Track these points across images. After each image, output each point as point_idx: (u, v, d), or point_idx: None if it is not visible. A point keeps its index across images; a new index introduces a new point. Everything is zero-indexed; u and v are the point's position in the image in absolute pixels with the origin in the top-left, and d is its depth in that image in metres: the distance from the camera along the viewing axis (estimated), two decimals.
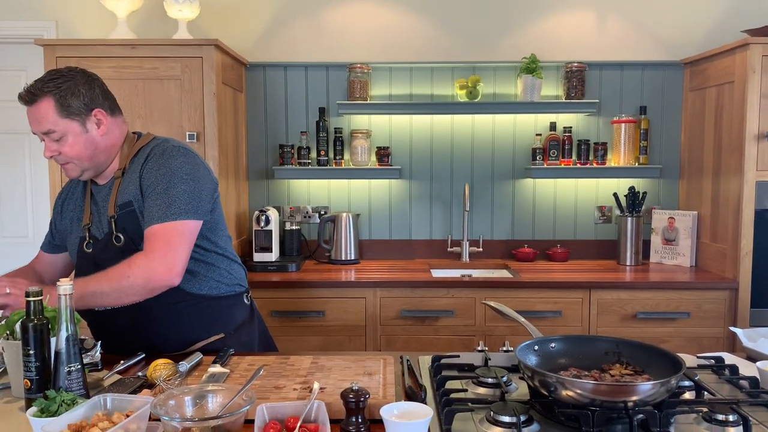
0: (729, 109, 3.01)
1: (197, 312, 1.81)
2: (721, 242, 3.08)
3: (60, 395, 1.29)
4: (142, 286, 1.63)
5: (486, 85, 3.49)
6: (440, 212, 3.59)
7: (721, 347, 2.92)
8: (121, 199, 1.76)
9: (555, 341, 1.55)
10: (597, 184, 3.56)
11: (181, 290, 1.78)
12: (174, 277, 1.66)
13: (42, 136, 1.73)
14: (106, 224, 1.78)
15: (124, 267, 1.64)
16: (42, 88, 1.69)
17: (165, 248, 1.65)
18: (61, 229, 1.93)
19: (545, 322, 2.93)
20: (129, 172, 1.79)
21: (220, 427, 1.19)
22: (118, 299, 1.65)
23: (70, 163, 1.75)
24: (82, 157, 1.75)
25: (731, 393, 1.51)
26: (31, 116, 1.72)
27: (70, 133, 1.72)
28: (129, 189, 1.76)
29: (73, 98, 1.71)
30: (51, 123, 1.70)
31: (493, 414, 1.33)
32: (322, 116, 3.45)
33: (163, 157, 1.75)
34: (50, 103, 1.69)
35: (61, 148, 1.73)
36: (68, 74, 1.73)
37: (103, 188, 1.83)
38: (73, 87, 1.72)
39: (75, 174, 1.79)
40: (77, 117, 1.72)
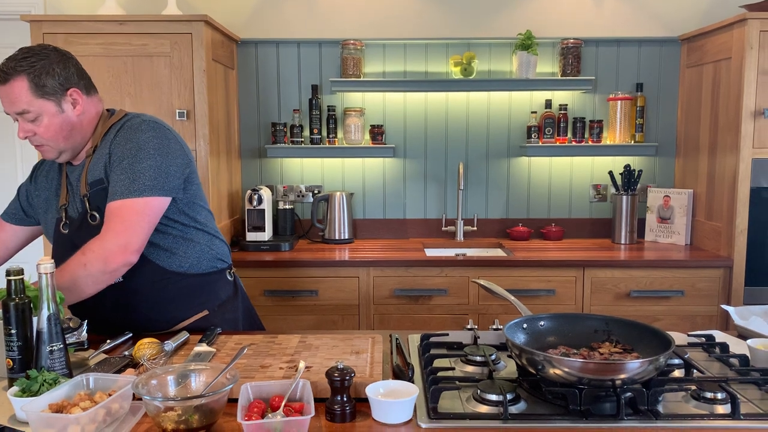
0: (726, 86, 2.98)
1: (179, 289, 1.79)
2: (717, 220, 3.06)
3: (42, 375, 1.28)
4: (101, 271, 1.60)
5: (481, 62, 3.45)
6: (435, 191, 3.57)
7: (714, 325, 2.92)
8: (92, 176, 1.73)
9: (544, 319, 1.54)
10: (592, 162, 3.53)
11: (162, 268, 1.76)
12: (129, 255, 1.62)
13: (16, 116, 1.68)
14: (80, 204, 1.75)
15: (79, 256, 1.61)
16: (15, 67, 1.63)
17: (120, 227, 1.62)
18: (34, 204, 1.89)
19: (539, 301, 2.92)
20: (99, 149, 1.75)
21: (203, 406, 1.18)
22: (80, 292, 1.61)
23: (45, 145, 1.71)
24: (57, 138, 1.70)
25: (721, 371, 1.50)
26: (4, 96, 1.66)
27: (45, 113, 1.67)
28: (99, 166, 1.73)
29: (47, 77, 1.66)
30: (25, 103, 1.64)
31: (480, 392, 1.32)
32: (314, 94, 3.41)
33: (131, 131, 1.71)
34: (24, 83, 1.64)
35: (36, 128, 1.68)
36: (41, 53, 1.67)
37: (76, 168, 1.80)
38: (47, 66, 1.66)
39: (52, 156, 1.75)
40: (52, 97, 1.67)
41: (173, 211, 1.76)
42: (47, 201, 1.84)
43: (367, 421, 1.26)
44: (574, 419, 1.24)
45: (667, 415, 1.25)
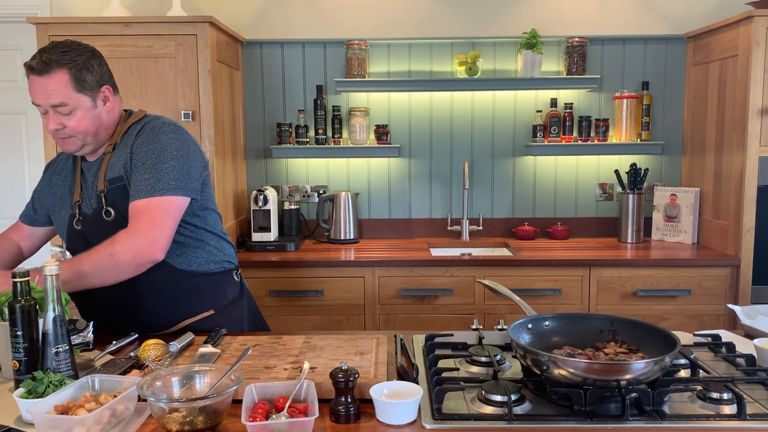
0: (732, 84, 2.96)
1: (186, 288, 1.80)
2: (724, 219, 3.05)
3: (48, 376, 1.28)
4: (128, 263, 1.62)
5: (486, 61, 3.44)
6: (440, 191, 3.56)
7: (721, 325, 2.91)
8: (111, 173, 1.75)
9: (549, 319, 1.53)
10: (598, 161, 3.52)
11: (171, 266, 1.77)
12: (157, 252, 1.64)
13: (47, 108, 1.69)
14: (95, 200, 1.76)
15: (108, 246, 1.63)
16: (58, 61, 1.65)
17: (148, 224, 1.64)
18: (45, 203, 1.91)
19: (545, 301, 2.92)
20: (119, 148, 1.78)
21: (208, 407, 1.18)
22: (104, 279, 1.63)
23: (72, 137, 1.72)
24: (87, 133, 1.72)
25: (727, 371, 1.49)
26: (40, 87, 1.66)
27: (81, 107, 1.69)
28: (119, 164, 1.75)
29: (87, 73, 1.69)
30: (64, 96, 1.66)
31: (485, 393, 1.32)
32: (319, 94, 3.42)
33: (153, 132, 1.74)
34: (65, 76, 1.66)
35: (68, 122, 1.69)
36: (79, 48, 1.71)
37: (93, 164, 1.82)
38: (87, 62, 1.70)
39: (73, 148, 1.76)
40: (89, 92, 1.70)
41: (187, 213, 1.77)
42: (61, 198, 1.85)
43: (372, 422, 1.26)
44: (579, 420, 1.24)
45: (673, 416, 1.25)
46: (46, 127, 1.73)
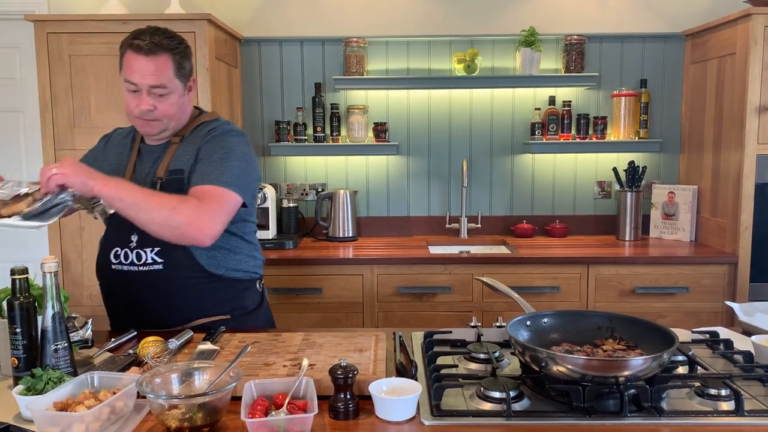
0: (730, 82, 2.96)
1: (209, 290, 1.81)
2: (721, 216, 3.05)
3: (47, 373, 1.29)
4: (179, 227, 1.59)
5: (484, 58, 3.44)
6: (438, 188, 3.56)
7: (720, 322, 2.91)
8: (174, 165, 1.78)
9: (547, 316, 1.54)
10: (596, 159, 3.52)
11: (201, 266, 1.79)
12: (209, 237, 1.64)
13: (142, 88, 1.70)
14: (149, 184, 1.77)
15: (175, 200, 1.62)
16: (167, 44, 1.71)
17: (215, 206, 1.65)
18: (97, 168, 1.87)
19: (543, 298, 2.92)
20: (187, 142, 1.82)
21: (207, 404, 1.18)
22: (150, 221, 1.59)
23: (157, 121, 1.75)
24: (173, 117, 1.77)
25: (725, 367, 1.49)
26: (144, 67, 1.69)
27: (175, 92, 1.75)
28: (184, 158, 1.79)
29: (185, 61, 1.77)
30: (165, 79, 1.71)
31: (484, 389, 1.32)
32: (318, 92, 3.41)
33: (223, 134, 1.81)
34: (169, 60, 1.71)
35: (159, 104, 1.73)
36: (178, 37, 1.77)
37: (155, 149, 1.84)
38: (187, 50, 1.78)
39: (154, 132, 1.79)
40: (183, 79, 1.77)
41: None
42: (110, 172, 1.80)
43: (371, 419, 1.26)
44: (578, 416, 1.24)
45: (671, 412, 1.25)
46: (131, 107, 1.73)
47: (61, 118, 2.93)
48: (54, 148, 2.94)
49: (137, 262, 1.76)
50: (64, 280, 2.98)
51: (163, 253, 1.75)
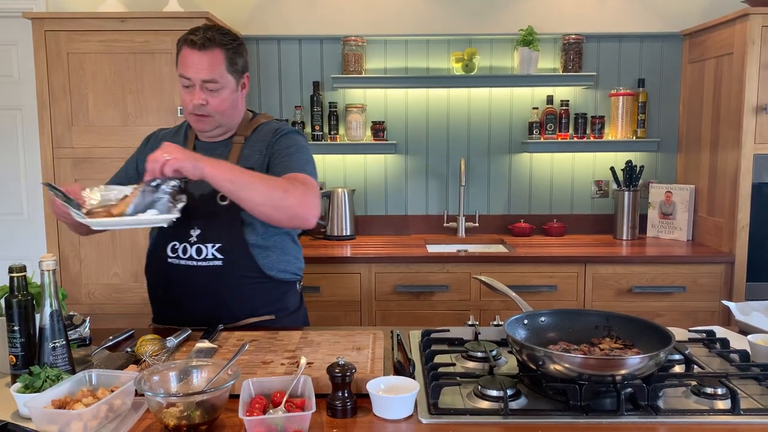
0: (728, 81, 2.97)
1: (257, 289, 1.81)
2: (718, 216, 3.06)
3: (45, 371, 1.29)
4: (291, 207, 1.62)
5: (482, 58, 3.44)
6: (436, 187, 3.57)
7: (716, 321, 2.92)
8: (243, 164, 1.77)
9: (545, 315, 1.54)
10: (594, 158, 3.53)
11: (257, 265, 1.80)
12: (316, 217, 1.69)
13: (196, 82, 1.72)
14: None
15: (285, 182, 1.65)
16: (219, 40, 1.72)
17: (314, 191, 1.70)
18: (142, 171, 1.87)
19: (540, 297, 2.92)
20: (252, 142, 1.83)
21: (205, 402, 1.18)
22: (263, 202, 1.60)
23: (209, 117, 1.76)
24: (224, 113, 1.78)
25: (721, 366, 1.50)
26: (198, 61, 1.71)
27: (227, 88, 1.75)
28: (253, 157, 1.81)
29: (238, 57, 1.78)
30: (217, 74, 1.72)
31: (481, 388, 1.33)
32: (316, 90, 3.41)
33: (292, 133, 1.85)
34: (221, 55, 1.73)
35: (212, 99, 1.74)
36: (231, 33, 1.79)
37: (215, 146, 1.84)
38: (240, 47, 1.79)
39: (207, 128, 1.80)
40: (236, 75, 1.78)
41: None
42: None
43: (368, 417, 1.26)
44: (575, 415, 1.25)
45: (668, 411, 1.26)
46: (185, 102, 1.75)
47: (59, 116, 2.93)
48: (52, 145, 2.94)
49: (196, 257, 1.77)
50: (62, 279, 2.98)
51: (223, 249, 1.76)
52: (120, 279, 3.00)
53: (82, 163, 2.94)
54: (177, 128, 1.97)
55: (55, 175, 2.94)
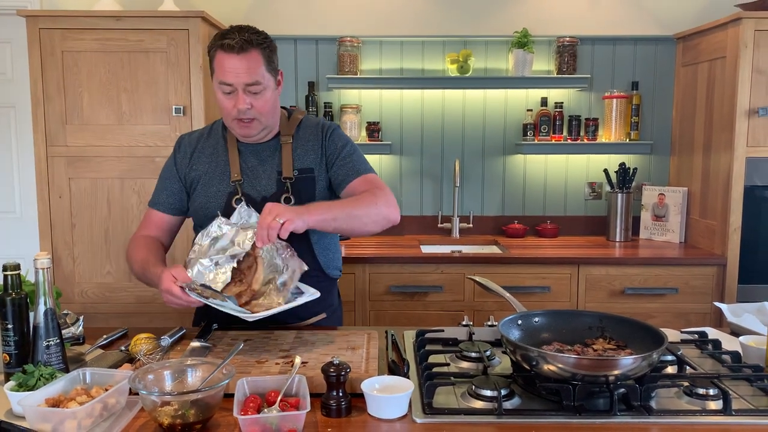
0: (720, 85, 2.99)
1: (321, 289, 1.78)
2: (711, 218, 3.08)
3: (38, 369, 1.28)
4: (385, 216, 1.70)
5: (477, 59, 3.45)
6: (431, 188, 3.58)
7: (708, 323, 2.94)
8: (300, 164, 1.80)
9: (538, 316, 1.55)
10: (588, 160, 3.54)
11: (318, 262, 1.83)
12: (399, 214, 1.75)
13: (238, 87, 1.68)
14: (271, 183, 1.78)
15: (370, 197, 1.70)
16: (254, 41, 1.68)
17: (387, 189, 1.75)
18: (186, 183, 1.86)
19: (534, 298, 2.93)
20: (301, 140, 1.83)
21: (199, 401, 1.19)
22: (365, 224, 1.68)
23: (254, 120, 1.73)
24: (268, 114, 1.75)
25: (713, 367, 1.51)
26: (238, 65, 1.66)
27: (269, 87, 1.73)
28: (308, 156, 1.81)
29: (274, 55, 1.75)
30: (259, 75, 1.69)
31: (475, 388, 1.33)
32: (311, 90, 3.42)
33: (336, 129, 1.87)
34: (259, 56, 1.69)
35: (256, 102, 1.71)
36: (263, 32, 1.75)
37: (262, 147, 1.82)
38: (273, 44, 1.75)
39: (253, 132, 1.76)
40: (274, 73, 1.75)
41: None
42: (207, 174, 1.82)
43: (363, 416, 1.27)
44: (568, 415, 1.25)
45: (660, 411, 1.27)
46: (228, 109, 1.71)
47: (53, 115, 2.92)
48: (45, 144, 2.93)
49: None
50: (55, 277, 2.97)
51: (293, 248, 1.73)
52: (113, 278, 2.99)
53: (76, 161, 2.93)
54: (208, 131, 1.90)
55: (49, 173, 2.93)
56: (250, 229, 1.61)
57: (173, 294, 1.50)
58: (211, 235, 1.62)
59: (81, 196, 2.96)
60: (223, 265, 1.56)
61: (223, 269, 1.55)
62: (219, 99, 1.72)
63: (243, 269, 1.58)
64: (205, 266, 1.55)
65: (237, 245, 1.59)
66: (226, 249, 1.59)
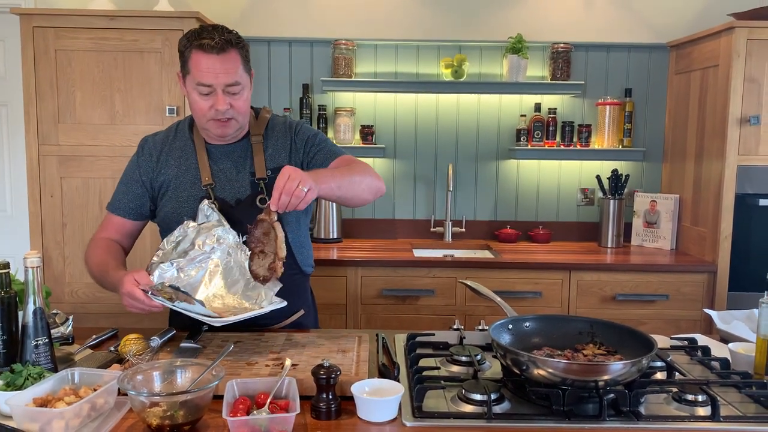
0: (713, 93, 3.01)
1: (295, 286, 1.80)
2: (702, 226, 3.10)
3: (27, 369, 1.28)
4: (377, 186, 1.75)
5: (471, 64, 3.46)
6: (424, 192, 3.58)
7: (698, 329, 2.95)
8: (273, 163, 1.78)
9: (529, 320, 1.55)
10: (580, 166, 3.55)
11: (297, 262, 1.84)
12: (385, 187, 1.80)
13: (217, 88, 1.64)
14: (244, 185, 1.76)
15: (362, 165, 1.75)
16: (231, 40, 1.65)
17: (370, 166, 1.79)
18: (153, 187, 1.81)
19: (525, 303, 2.94)
20: (272, 140, 1.82)
21: (189, 402, 1.18)
22: (362, 190, 1.71)
23: (232, 119, 1.70)
24: (245, 113, 1.74)
25: (702, 374, 1.52)
26: (218, 66, 1.63)
27: (246, 87, 1.71)
28: (279, 156, 1.80)
29: (248, 54, 1.73)
30: (238, 75, 1.66)
31: (465, 392, 1.33)
32: (306, 93, 3.42)
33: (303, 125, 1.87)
34: (237, 55, 1.67)
35: (235, 102, 1.68)
36: (236, 31, 1.71)
37: (232, 148, 1.79)
38: (247, 44, 1.73)
39: (230, 132, 1.74)
40: (249, 73, 1.73)
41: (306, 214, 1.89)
42: (177, 179, 1.78)
43: (352, 419, 1.27)
44: (558, 419, 1.26)
45: (649, 417, 1.27)
46: (204, 110, 1.66)
47: (46, 114, 2.91)
48: (38, 143, 2.91)
49: None
50: (45, 277, 2.95)
51: None
52: None
53: (68, 161, 2.92)
54: (173, 132, 1.85)
55: (41, 172, 2.92)
56: (212, 228, 1.61)
57: (135, 297, 1.48)
58: (176, 239, 1.62)
59: (73, 196, 2.94)
60: (184, 269, 1.57)
61: (184, 273, 1.57)
62: (194, 100, 1.68)
63: (258, 237, 1.56)
64: (165, 270, 1.56)
65: (197, 247, 1.59)
66: (187, 252, 1.59)
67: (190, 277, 1.57)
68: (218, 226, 1.64)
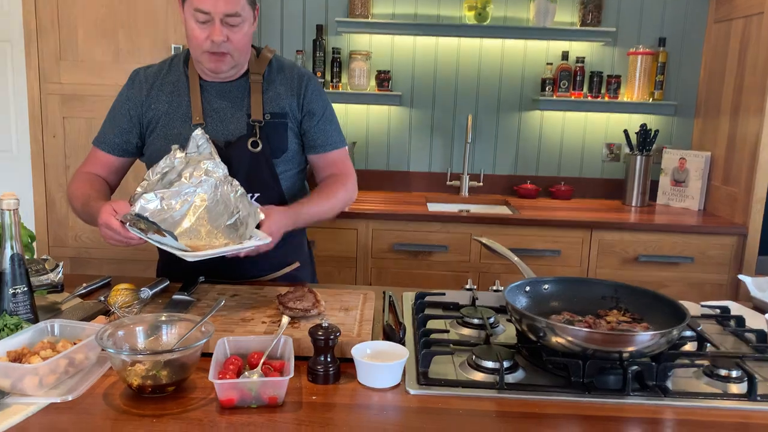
0: (755, 44, 2.79)
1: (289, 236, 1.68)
2: (734, 186, 2.93)
3: (3, 319, 1.19)
4: (350, 200, 1.79)
5: (496, 7, 3.25)
6: (441, 143, 3.43)
7: (723, 295, 2.82)
8: (271, 107, 1.68)
9: (548, 283, 1.43)
10: (607, 120, 3.37)
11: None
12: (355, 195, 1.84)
13: (216, 17, 1.53)
14: (239, 126, 1.66)
15: (343, 191, 1.74)
16: None
17: (353, 169, 1.81)
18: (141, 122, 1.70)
19: (543, 262, 2.82)
20: (273, 82, 1.71)
21: (174, 361, 1.09)
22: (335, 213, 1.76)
23: (228, 55, 1.59)
24: (243, 50, 1.63)
25: (735, 346, 1.39)
26: None
27: (247, 21, 1.60)
28: (281, 101, 1.69)
29: None
30: (240, 5, 1.55)
31: (475, 358, 1.23)
32: (319, 34, 3.24)
33: (317, 84, 1.78)
34: None
35: (232, 35, 1.57)
36: None
37: (229, 87, 1.68)
38: None
39: (225, 67, 1.62)
40: (252, 6, 1.62)
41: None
42: (167, 115, 1.68)
43: (352, 384, 1.17)
44: (576, 392, 1.15)
45: (677, 393, 1.16)
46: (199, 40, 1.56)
47: (47, 51, 2.78)
48: (39, 81, 2.80)
49: None
50: (48, 220, 2.88)
51: (262, 199, 1.65)
52: None
53: (70, 100, 2.81)
54: (167, 65, 1.74)
55: (42, 112, 2.81)
56: (201, 161, 1.50)
57: (111, 228, 1.38)
58: (162, 170, 1.50)
59: (75, 137, 2.84)
60: (169, 200, 1.45)
61: (167, 204, 1.45)
62: (190, 28, 1.57)
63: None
64: (148, 200, 1.44)
65: (184, 179, 1.48)
66: (173, 183, 1.47)
67: (174, 210, 1.45)
68: (209, 159, 1.51)
